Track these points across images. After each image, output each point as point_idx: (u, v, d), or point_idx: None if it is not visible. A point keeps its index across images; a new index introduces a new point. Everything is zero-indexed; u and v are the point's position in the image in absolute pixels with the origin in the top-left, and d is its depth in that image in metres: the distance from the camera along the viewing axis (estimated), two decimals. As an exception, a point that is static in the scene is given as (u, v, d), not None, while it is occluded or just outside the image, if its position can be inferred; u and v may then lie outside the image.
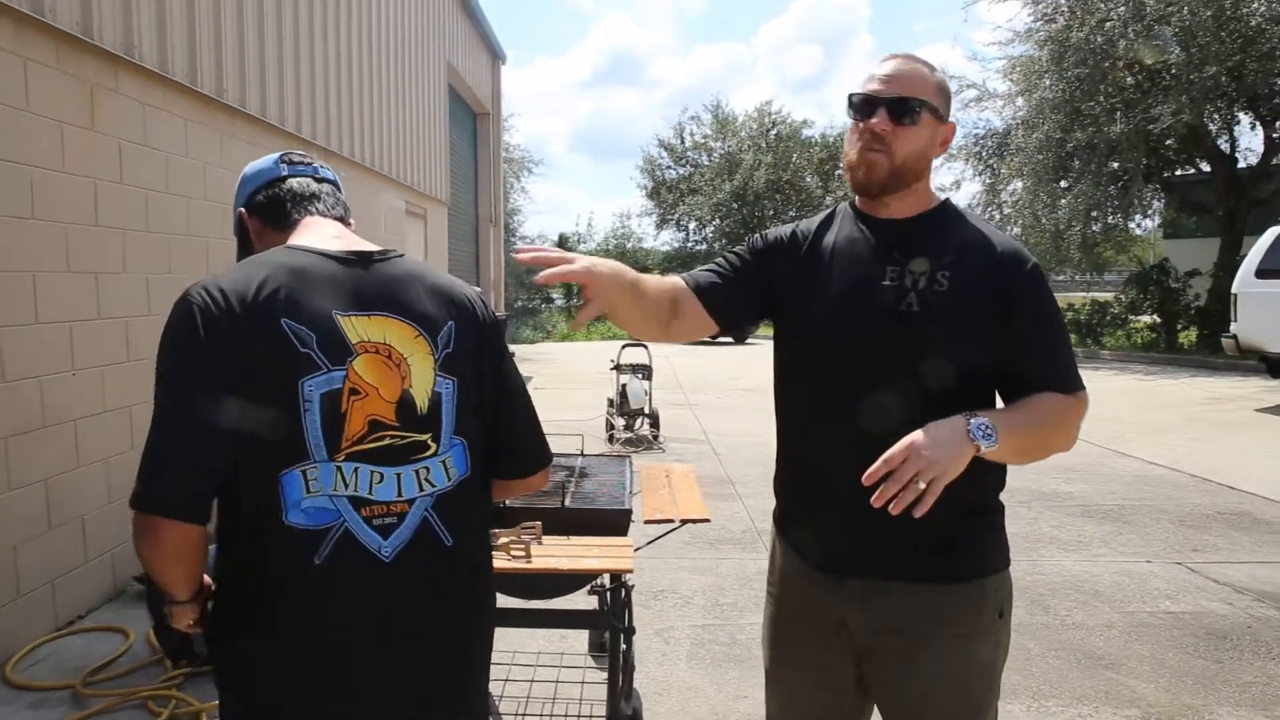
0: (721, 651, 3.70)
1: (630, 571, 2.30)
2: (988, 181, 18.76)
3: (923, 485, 1.32)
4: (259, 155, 5.46)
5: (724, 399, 11.40)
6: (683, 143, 33.28)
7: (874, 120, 1.55)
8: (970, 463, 1.39)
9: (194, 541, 1.21)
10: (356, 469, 1.23)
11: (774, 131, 31.39)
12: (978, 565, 1.59)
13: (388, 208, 8.50)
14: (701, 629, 3.94)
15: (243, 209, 1.45)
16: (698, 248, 33.04)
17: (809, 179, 30.53)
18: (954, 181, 20.66)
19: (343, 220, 1.44)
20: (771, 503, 1.78)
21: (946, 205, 1.66)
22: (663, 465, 3.53)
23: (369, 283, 1.30)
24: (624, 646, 2.43)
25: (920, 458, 1.33)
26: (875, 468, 1.34)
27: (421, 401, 1.29)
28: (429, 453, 1.29)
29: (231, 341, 1.18)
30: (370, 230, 7.94)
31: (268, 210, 1.42)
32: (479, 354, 1.37)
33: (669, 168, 33.48)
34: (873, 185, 1.59)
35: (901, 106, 1.55)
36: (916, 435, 1.36)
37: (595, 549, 2.39)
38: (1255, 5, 13.54)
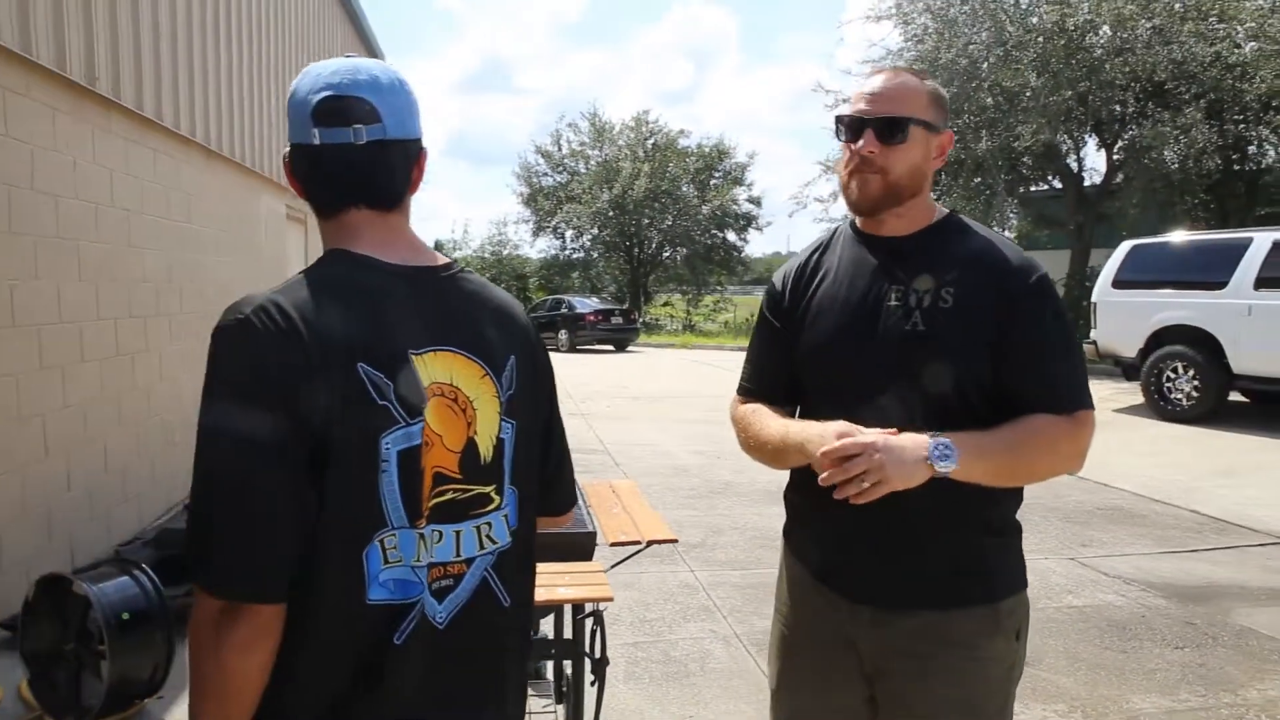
0: (658, 670, 3.62)
1: (610, 600, 2.18)
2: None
3: (866, 485, 1.32)
4: (135, 151, 4.88)
5: (615, 408, 11.35)
6: (560, 149, 33.07)
7: (861, 144, 1.53)
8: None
9: (279, 625, 1.00)
10: (435, 532, 1.06)
11: (651, 141, 31.65)
12: (993, 588, 1.57)
13: (268, 211, 8.01)
14: (633, 647, 3.84)
15: (286, 160, 1.16)
16: (575, 255, 32.89)
17: (685, 188, 30.92)
18: (831, 193, 21.05)
19: (400, 202, 1.17)
20: (682, 513, 1.78)
21: (950, 218, 1.63)
22: (605, 481, 3.41)
23: (434, 306, 1.11)
24: (592, 679, 2.30)
25: (872, 460, 1.33)
26: (831, 448, 1.35)
27: (486, 450, 1.12)
28: (492, 506, 1.13)
29: (303, 378, 0.98)
30: (250, 235, 7.43)
31: (307, 185, 1.15)
32: (537, 391, 1.23)
33: (545, 175, 33.22)
34: (865, 204, 1.57)
35: (889, 126, 1.52)
36: (879, 438, 1.35)
37: (565, 576, 2.24)
38: (1098, 38, 14.74)
